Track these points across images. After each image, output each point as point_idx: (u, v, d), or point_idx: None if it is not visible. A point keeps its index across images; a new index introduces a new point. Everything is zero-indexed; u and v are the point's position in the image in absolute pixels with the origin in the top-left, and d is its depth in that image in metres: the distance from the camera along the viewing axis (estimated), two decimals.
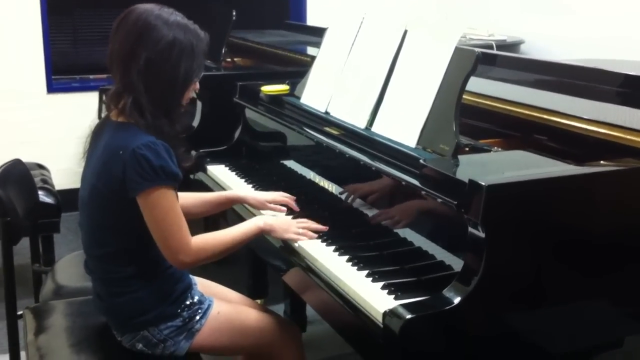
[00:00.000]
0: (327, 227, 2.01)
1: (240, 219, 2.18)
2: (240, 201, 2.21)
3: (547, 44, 4.55)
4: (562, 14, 4.48)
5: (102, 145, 1.82)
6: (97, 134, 1.89)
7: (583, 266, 1.63)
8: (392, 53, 2.08)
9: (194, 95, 1.92)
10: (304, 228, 1.99)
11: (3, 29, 4.29)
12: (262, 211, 2.17)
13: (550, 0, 4.58)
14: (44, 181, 3.40)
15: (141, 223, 1.80)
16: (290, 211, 2.15)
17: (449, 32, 1.92)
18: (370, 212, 1.98)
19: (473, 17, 5.03)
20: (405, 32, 2.07)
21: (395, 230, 1.87)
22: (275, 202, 2.16)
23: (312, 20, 5.01)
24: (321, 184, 2.24)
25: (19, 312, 2.20)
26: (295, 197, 2.18)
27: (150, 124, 1.76)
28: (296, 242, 1.95)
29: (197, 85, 1.90)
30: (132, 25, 1.79)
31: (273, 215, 2.11)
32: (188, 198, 2.11)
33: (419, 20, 2.04)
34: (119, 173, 1.73)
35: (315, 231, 1.98)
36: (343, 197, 2.11)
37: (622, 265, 1.68)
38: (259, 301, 2.70)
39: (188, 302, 1.88)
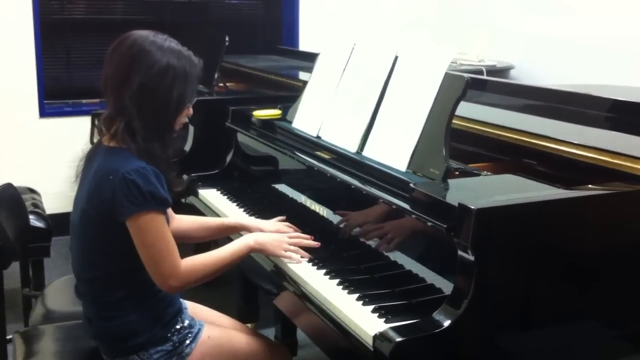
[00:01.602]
0: (319, 243, 2.01)
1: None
2: (242, 229, 2.17)
3: (547, 45, 4.56)
4: (562, 14, 4.49)
5: (93, 169, 1.82)
6: (89, 158, 1.90)
7: (572, 289, 1.63)
8: (383, 78, 2.11)
9: (187, 119, 1.93)
10: (295, 245, 1.99)
11: None
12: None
13: (550, 0, 4.59)
14: (35, 205, 3.39)
15: (132, 247, 1.80)
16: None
17: (439, 58, 1.94)
18: (361, 236, 1.99)
19: (473, 18, 5.06)
20: (396, 58, 2.10)
21: (385, 254, 1.87)
22: (278, 232, 2.14)
23: (304, 45, 5.05)
24: (312, 207, 2.25)
25: (9, 337, 2.19)
26: (297, 228, 2.15)
27: (142, 148, 1.77)
28: (287, 259, 1.95)
29: (191, 111, 1.91)
30: (127, 50, 1.81)
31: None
32: (190, 222, 2.12)
33: (410, 44, 2.06)
34: (108, 197, 1.74)
35: (306, 248, 1.99)
36: (334, 220, 2.12)
37: (611, 287, 1.69)
38: (249, 325, 2.69)
39: (178, 326, 1.88)
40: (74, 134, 4.33)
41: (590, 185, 1.74)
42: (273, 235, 2.02)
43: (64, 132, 4.47)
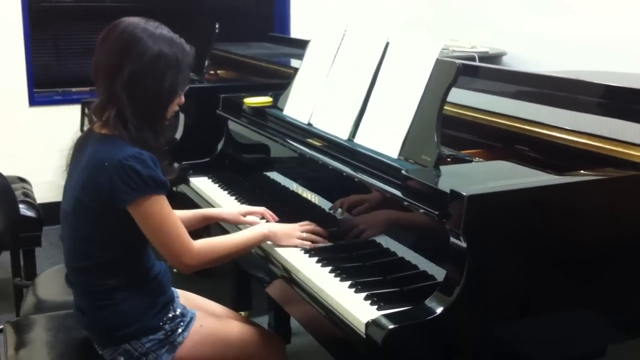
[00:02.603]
0: (329, 232, 2.02)
1: (223, 230, 2.18)
2: (216, 218, 2.21)
3: (547, 45, 4.55)
4: (562, 14, 4.49)
5: (85, 157, 1.81)
6: (80, 146, 1.88)
7: (565, 275, 1.64)
8: (374, 65, 2.09)
9: (178, 108, 1.92)
10: (307, 232, 2.00)
11: None
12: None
13: (550, 0, 4.59)
14: (26, 194, 3.38)
15: (126, 235, 1.79)
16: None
17: (430, 44, 1.93)
18: (353, 223, 1.98)
19: (473, 18, 5.05)
20: (387, 44, 2.09)
21: (378, 241, 1.87)
22: (250, 214, 2.16)
23: (295, 32, 5.03)
24: (304, 195, 2.24)
25: (0, 327, 2.18)
26: (273, 209, 2.17)
27: (134, 136, 1.76)
28: (301, 247, 1.97)
29: (182, 99, 1.90)
30: (117, 37, 1.79)
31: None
32: None
33: (401, 32, 2.05)
34: (104, 185, 1.73)
35: (318, 234, 2.01)
36: (326, 208, 2.11)
37: (604, 273, 1.69)
38: (242, 314, 2.69)
39: (170, 315, 1.87)
40: (64, 123, 4.30)
41: (582, 171, 1.73)
42: (285, 225, 2.04)
43: (54, 121, 4.44)
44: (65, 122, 4.31)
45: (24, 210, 3.06)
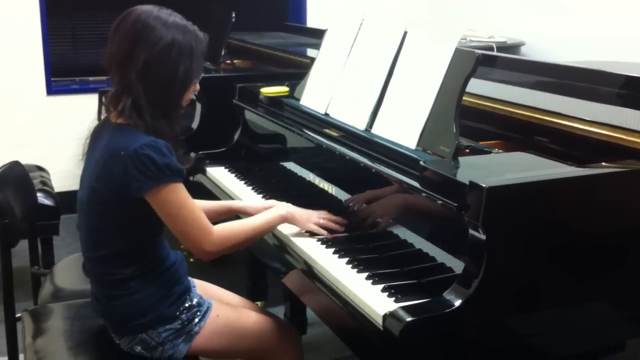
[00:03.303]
0: (347, 221, 2.01)
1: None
2: (239, 211, 2.19)
3: (547, 44, 4.54)
4: (562, 14, 4.47)
5: (101, 146, 1.81)
6: (96, 135, 1.89)
7: (584, 268, 1.62)
8: (392, 54, 2.08)
9: (194, 97, 1.91)
10: (325, 218, 2.00)
11: (2, 31, 4.28)
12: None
13: (550, 0, 4.57)
14: (43, 183, 3.40)
15: (140, 224, 1.80)
16: None
17: (448, 33, 1.91)
18: (370, 215, 1.97)
19: (472, 18, 5.03)
20: (405, 33, 2.07)
21: (395, 233, 1.86)
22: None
23: (311, 22, 5.01)
24: (321, 185, 2.23)
25: (18, 315, 2.19)
26: (289, 198, 2.17)
27: (150, 125, 1.76)
28: (317, 232, 1.97)
29: (197, 87, 1.89)
30: (130, 26, 1.79)
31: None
32: None
33: (419, 21, 2.03)
34: (120, 174, 1.73)
35: (336, 222, 2.01)
36: (342, 199, 2.10)
37: (624, 267, 1.67)
38: (258, 303, 2.70)
39: (187, 305, 1.88)
40: (82, 112, 4.32)
41: (603, 163, 1.71)
42: (304, 209, 2.05)
43: (72, 110, 4.46)
44: (82, 111, 4.33)
45: (41, 198, 3.07)
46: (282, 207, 2.03)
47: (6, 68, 4.30)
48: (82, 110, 4.34)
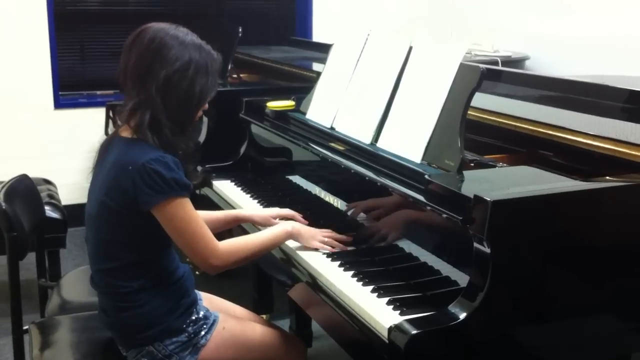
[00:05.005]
0: (352, 238, 2.02)
1: (244, 230, 2.19)
2: (246, 220, 2.23)
3: (547, 44, 4.53)
4: (562, 14, 4.47)
5: (110, 161, 1.83)
6: (105, 149, 1.90)
7: (589, 281, 1.62)
8: (398, 69, 2.09)
9: (202, 113, 1.94)
10: (329, 237, 2.01)
11: (11, 44, 4.32)
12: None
13: (550, 0, 4.57)
14: (51, 196, 3.41)
15: (149, 237, 1.81)
16: None
17: (453, 48, 1.93)
18: (376, 228, 1.98)
19: (473, 18, 5.03)
20: (410, 48, 2.09)
21: (400, 246, 1.87)
22: (280, 217, 2.17)
23: (317, 36, 5.04)
24: (326, 199, 2.24)
25: (25, 327, 2.20)
26: (301, 214, 2.19)
27: (167, 141, 1.78)
28: (322, 250, 1.98)
29: (206, 105, 1.91)
30: (148, 43, 1.80)
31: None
32: None
33: (424, 35, 2.05)
34: (128, 188, 1.74)
35: (340, 242, 2.01)
36: (348, 212, 2.11)
37: (629, 280, 1.68)
38: (264, 316, 2.70)
39: (193, 317, 1.89)
40: (89, 126, 4.35)
41: (607, 177, 1.72)
42: (309, 227, 2.06)
43: (79, 123, 4.49)
44: (90, 125, 4.36)
45: (49, 211, 3.09)
46: (288, 224, 2.04)
47: (14, 81, 4.33)
48: (90, 124, 4.37)
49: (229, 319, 1.98)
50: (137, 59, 1.81)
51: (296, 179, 2.49)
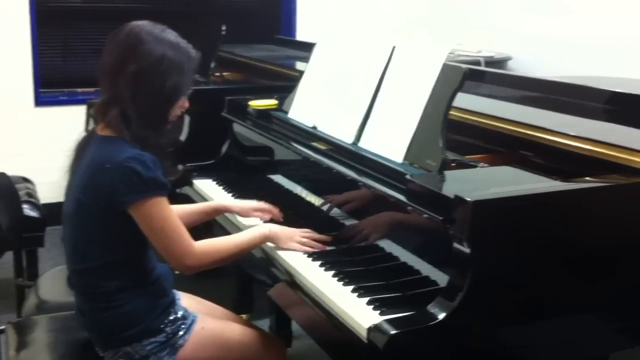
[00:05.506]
0: (332, 238, 2.00)
1: (224, 230, 2.17)
2: (225, 210, 2.23)
3: (546, 45, 4.54)
4: (562, 14, 4.48)
5: (87, 159, 1.81)
6: (82, 147, 1.89)
7: (568, 282, 1.62)
8: (380, 69, 2.09)
9: (181, 112, 1.92)
10: (307, 237, 1.99)
11: None
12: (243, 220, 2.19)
13: (550, 0, 4.59)
14: (29, 195, 3.38)
15: (126, 236, 1.79)
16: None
17: (436, 48, 1.92)
18: (357, 228, 1.97)
19: (473, 18, 5.04)
20: (394, 48, 2.08)
21: (381, 246, 1.86)
22: (259, 210, 2.16)
23: (301, 35, 5.03)
24: (308, 198, 2.23)
25: (1, 327, 2.18)
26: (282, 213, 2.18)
27: (136, 136, 1.76)
28: (300, 251, 1.96)
29: (186, 104, 1.90)
30: (123, 39, 1.81)
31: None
32: (174, 209, 2.10)
33: (407, 36, 2.05)
34: (105, 186, 1.73)
35: (319, 241, 1.99)
36: (323, 207, 2.10)
37: (608, 280, 1.68)
38: (244, 316, 2.69)
39: (171, 317, 1.87)
40: (69, 123, 4.29)
41: (587, 178, 1.72)
42: (287, 227, 2.04)
43: (59, 121, 4.44)
44: (70, 123, 4.30)
45: (27, 210, 3.06)
46: (265, 226, 2.02)
47: None
48: (70, 122, 4.32)
49: (207, 319, 1.96)
50: (111, 54, 1.81)
51: (278, 178, 2.48)
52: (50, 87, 4.58)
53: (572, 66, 4.25)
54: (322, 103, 2.32)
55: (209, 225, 2.35)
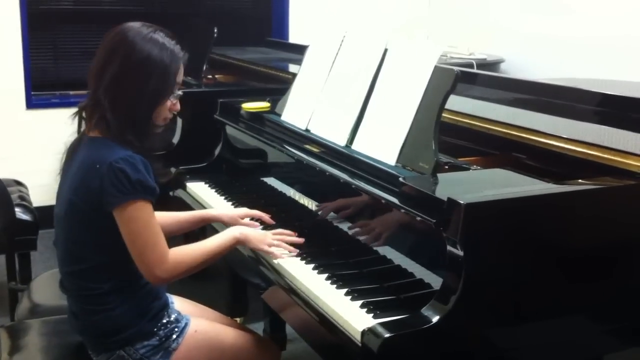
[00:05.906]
0: (303, 240, 2.00)
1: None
2: (214, 220, 2.21)
3: (546, 45, 4.54)
4: (562, 14, 4.49)
5: (78, 160, 1.81)
6: (73, 149, 1.89)
7: (562, 284, 1.63)
8: (373, 71, 2.09)
9: (172, 115, 1.91)
10: (278, 240, 1.98)
11: None
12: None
13: (550, 0, 4.60)
14: (22, 198, 3.37)
15: (118, 238, 1.78)
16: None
17: (428, 51, 1.93)
18: (350, 230, 1.97)
19: (473, 18, 5.05)
20: (386, 50, 2.08)
21: (374, 248, 1.86)
22: (248, 217, 2.16)
23: (294, 37, 5.02)
24: (301, 201, 2.23)
25: None
26: (270, 214, 2.18)
27: (117, 139, 1.76)
28: (270, 254, 1.95)
29: (177, 106, 1.88)
30: (109, 41, 1.81)
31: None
32: (163, 217, 2.10)
33: (399, 38, 2.05)
34: (96, 187, 1.72)
35: (290, 244, 1.98)
36: (319, 212, 2.10)
37: (601, 282, 1.69)
38: (238, 319, 2.68)
39: (165, 321, 1.86)
40: (61, 126, 4.25)
41: (580, 180, 1.73)
42: (258, 230, 2.02)
43: (51, 123, 4.41)
44: (62, 125, 4.25)
45: (19, 213, 3.05)
46: (235, 229, 1.99)
47: None
48: (62, 125, 4.27)
49: (201, 322, 1.96)
50: (98, 55, 1.81)
51: (271, 180, 2.48)
52: (42, 89, 4.56)
53: (571, 66, 4.26)
54: (314, 105, 2.32)
55: (204, 230, 2.35)
